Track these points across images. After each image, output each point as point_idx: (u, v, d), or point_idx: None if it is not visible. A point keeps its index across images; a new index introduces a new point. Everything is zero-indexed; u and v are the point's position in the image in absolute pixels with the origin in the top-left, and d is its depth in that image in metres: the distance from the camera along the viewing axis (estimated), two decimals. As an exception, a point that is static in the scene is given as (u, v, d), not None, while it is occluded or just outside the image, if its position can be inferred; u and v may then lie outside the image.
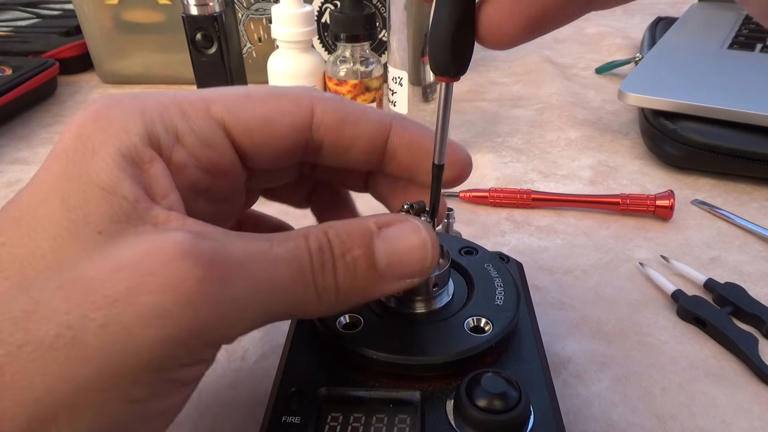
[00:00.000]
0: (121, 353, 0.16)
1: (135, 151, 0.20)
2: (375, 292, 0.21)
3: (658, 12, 0.97)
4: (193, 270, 0.17)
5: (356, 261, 0.20)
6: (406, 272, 0.21)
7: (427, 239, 0.21)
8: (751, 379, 0.32)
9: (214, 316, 0.17)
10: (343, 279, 0.20)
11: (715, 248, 0.43)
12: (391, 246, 0.21)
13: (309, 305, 0.20)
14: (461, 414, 0.22)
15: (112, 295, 0.16)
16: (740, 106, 0.49)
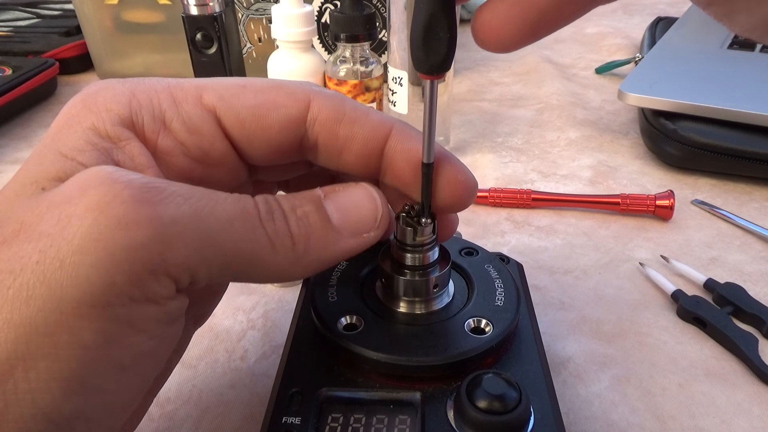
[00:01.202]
0: (59, 287, 0.16)
1: (111, 128, 0.20)
2: (337, 248, 0.21)
3: (658, 12, 0.97)
4: (122, 192, 0.16)
5: (308, 215, 0.20)
6: (360, 226, 0.22)
7: (373, 194, 0.22)
8: (751, 379, 0.32)
9: (149, 238, 0.16)
10: (297, 229, 0.20)
11: (715, 248, 0.43)
12: (340, 203, 0.21)
13: (264, 253, 0.19)
14: (461, 415, 0.22)
15: (45, 230, 0.16)
16: (740, 106, 0.49)
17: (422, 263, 0.26)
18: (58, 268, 0.16)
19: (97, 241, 0.16)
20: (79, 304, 0.16)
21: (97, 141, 0.19)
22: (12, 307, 0.15)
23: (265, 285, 0.39)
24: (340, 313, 0.26)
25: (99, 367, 0.16)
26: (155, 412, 0.30)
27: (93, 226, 0.16)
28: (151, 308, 0.17)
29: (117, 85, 0.21)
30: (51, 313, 0.15)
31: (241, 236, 0.19)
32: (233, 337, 0.35)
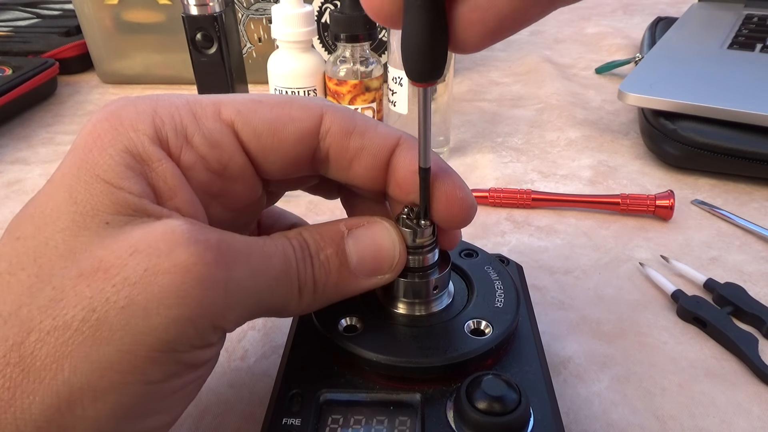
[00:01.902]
0: (141, 333, 0.17)
1: (143, 149, 0.20)
2: (349, 289, 0.23)
3: (658, 12, 0.97)
4: (204, 254, 0.18)
5: (329, 259, 0.22)
6: (376, 269, 0.23)
7: (394, 238, 0.23)
8: (751, 379, 0.32)
9: (221, 298, 0.19)
10: (318, 274, 0.22)
11: (715, 248, 0.43)
12: (360, 245, 0.23)
13: (291, 299, 0.22)
14: (461, 416, 0.22)
15: (131, 277, 0.17)
16: (740, 106, 0.49)
17: (422, 265, 0.26)
18: (143, 317, 0.17)
19: (182, 299, 0.18)
20: (152, 350, 0.17)
21: (134, 164, 0.20)
22: (92, 344, 0.17)
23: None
24: (340, 315, 0.26)
25: (158, 400, 0.19)
26: (155, 413, 0.30)
27: (181, 285, 0.18)
28: (206, 352, 0.20)
29: (138, 103, 0.21)
30: (126, 354, 0.17)
31: (280, 291, 0.21)
32: (233, 337, 0.35)
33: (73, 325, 0.17)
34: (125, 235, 0.18)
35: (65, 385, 0.17)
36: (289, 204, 0.48)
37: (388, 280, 0.24)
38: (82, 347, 0.17)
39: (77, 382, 0.17)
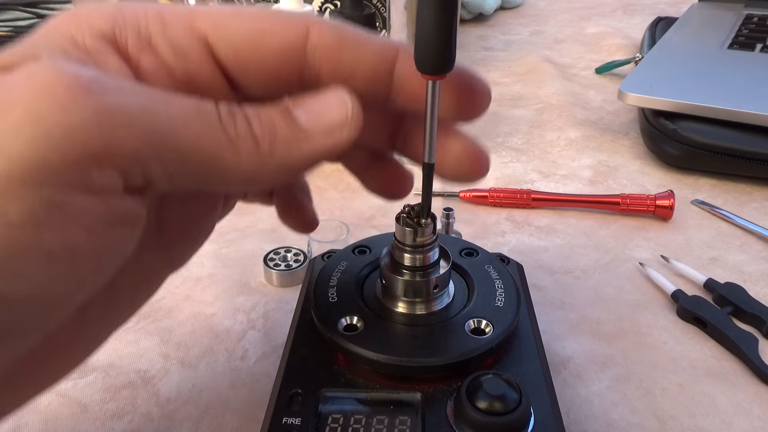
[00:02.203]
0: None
1: (89, 40, 0.19)
2: (306, 149, 0.20)
3: (658, 12, 0.97)
4: (67, 79, 0.16)
5: (272, 118, 0.19)
6: (329, 122, 0.20)
7: (341, 92, 0.20)
8: (751, 379, 0.32)
9: (91, 121, 0.16)
10: (260, 131, 0.19)
11: (715, 248, 0.43)
12: (307, 106, 0.20)
13: (225, 153, 0.18)
14: (462, 416, 0.22)
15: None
16: (740, 106, 0.49)
17: (422, 264, 0.26)
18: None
19: (35, 122, 0.15)
20: (8, 179, 0.15)
21: (71, 50, 0.19)
22: None
23: (265, 285, 0.39)
24: (340, 314, 0.26)
25: (23, 250, 0.16)
26: (155, 412, 0.30)
27: (32, 107, 0.15)
28: (90, 199, 0.16)
29: (106, 5, 0.20)
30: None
31: (198, 134, 0.18)
32: (233, 337, 0.35)
33: None
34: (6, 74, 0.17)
35: None
36: (289, 203, 0.48)
37: (348, 138, 0.20)
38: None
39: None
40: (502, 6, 1.06)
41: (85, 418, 0.30)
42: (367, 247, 0.30)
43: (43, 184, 0.15)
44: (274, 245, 0.42)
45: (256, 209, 0.48)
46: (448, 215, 0.38)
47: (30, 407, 0.31)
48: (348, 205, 0.48)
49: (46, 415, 0.30)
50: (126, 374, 0.33)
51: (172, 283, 0.40)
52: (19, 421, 0.30)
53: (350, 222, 0.45)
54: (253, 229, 0.45)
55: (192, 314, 0.37)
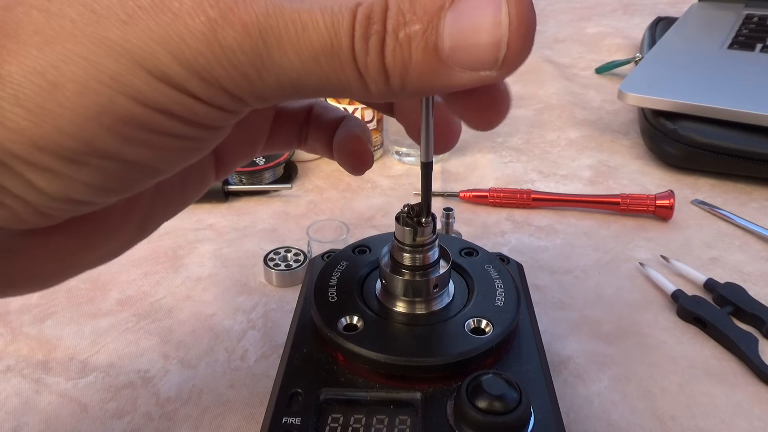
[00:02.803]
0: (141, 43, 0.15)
1: None
2: (439, 81, 0.17)
3: (658, 12, 0.97)
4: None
5: (412, 39, 0.16)
6: (475, 61, 0.16)
7: (504, 18, 0.16)
8: (751, 379, 0.32)
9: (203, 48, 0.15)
10: (392, 62, 0.16)
11: (715, 248, 0.43)
12: (461, 24, 0.16)
13: (352, 88, 0.17)
14: (462, 415, 0.22)
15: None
16: (740, 106, 0.49)
17: (422, 263, 0.26)
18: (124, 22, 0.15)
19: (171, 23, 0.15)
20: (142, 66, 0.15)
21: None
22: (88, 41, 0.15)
23: (265, 285, 0.39)
24: (340, 314, 0.26)
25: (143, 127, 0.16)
26: (155, 412, 0.30)
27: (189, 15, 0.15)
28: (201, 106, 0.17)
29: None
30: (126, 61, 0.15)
31: (327, 75, 0.16)
32: (233, 337, 0.35)
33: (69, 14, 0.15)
34: None
35: (53, 69, 0.15)
36: (288, 204, 0.48)
37: (496, 78, 0.17)
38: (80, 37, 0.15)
39: (67, 71, 0.15)
40: (502, 6, 1.05)
41: (85, 418, 0.30)
42: (366, 246, 0.30)
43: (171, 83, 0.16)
44: (274, 245, 0.42)
45: (256, 209, 0.48)
46: (448, 215, 0.38)
47: (30, 407, 0.31)
48: (348, 205, 0.48)
49: (46, 415, 0.30)
50: (126, 374, 0.33)
51: (172, 282, 0.40)
52: (19, 421, 0.30)
53: (350, 222, 0.45)
54: (253, 229, 0.45)
55: (192, 314, 0.37)
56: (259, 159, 0.51)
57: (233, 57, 0.16)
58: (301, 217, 0.47)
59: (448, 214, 0.38)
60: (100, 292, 0.39)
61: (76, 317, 0.37)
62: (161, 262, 0.42)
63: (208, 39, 0.15)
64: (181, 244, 0.43)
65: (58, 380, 0.32)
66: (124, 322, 0.36)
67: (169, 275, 0.40)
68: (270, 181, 0.50)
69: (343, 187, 0.51)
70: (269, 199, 0.49)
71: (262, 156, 0.28)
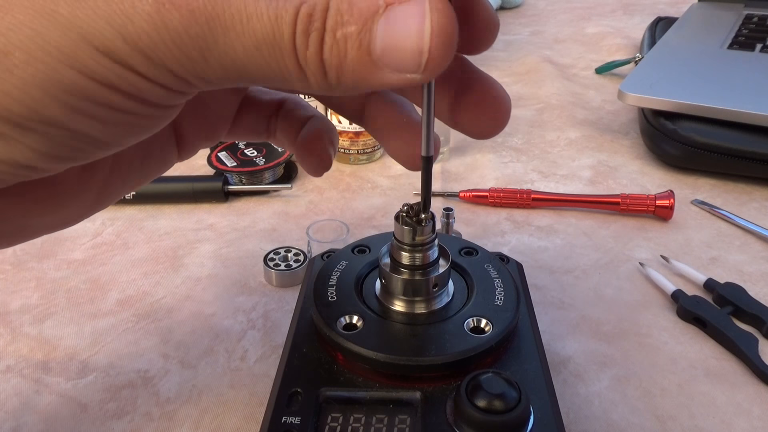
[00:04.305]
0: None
1: None
2: (370, 79, 0.18)
3: (658, 12, 0.97)
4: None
5: (348, 39, 0.17)
6: (401, 64, 0.18)
7: (427, 28, 0.17)
8: (751, 379, 0.32)
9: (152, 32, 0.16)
10: (329, 57, 0.17)
11: (715, 248, 0.43)
12: (392, 30, 0.17)
13: (291, 76, 0.18)
14: (461, 414, 0.22)
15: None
16: (740, 106, 0.49)
17: (422, 263, 0.26)
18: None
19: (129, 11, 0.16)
20: (91, 44, 0.16)
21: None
22: (40, 16, 0.16)
23: (265, 285, 0.39)
24: (339, 313, 0.26)
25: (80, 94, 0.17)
26: (155, 412, 0.30)
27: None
28: (149, 85, 0.17)
29: None
30: (73, 34, 0.16)
31: (268, 63, 0.17)
32: (233, 337, 0.35)
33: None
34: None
35: (2, 36, 0.16)
36: (288, 204, 0.48)
37: (419, 81, 0.18)
38: (30, 8, 0.16)
39: (15, 40, 0.16)
40: (502, 6, 1.06)
41: (85, 418, 0.30)
42: (366, 246, 0.30)
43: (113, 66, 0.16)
44: (274, 245, 0.42)
45: (256, 209, 0.48)
46: (448, 215, 0.38)
47: (30, 407, 0.31)
48: (348, 205, 0.48)
49: (46, 415, 0.30)
50: (126, 374, 0.33)
51: (172, 282, 0.40)
52: (19, 421, 0.30)
53: (350, 222, 0.45)
54: (253, 229, 0.45)
55: (192, 314, 0.37)
56: (259, 159, 0.51)
57: (178, 39, 0.16)
58: (301, 217, 0.47)
59: (448, 214, 0.39)
60: (100, 292, 0.39)
61: (76, 317, 0.37)
62: (161, 262, 0.42)
63: (153, 20, 0.16)
64: (181, 244, 0.43)
65: (57, 380, 0.32)
66: (124, 322, 0.36)
67: (169, 275, 0.40)
68: (270, 181, 0.50)
69: (343, 187, 0.51)
70: (269, 199, 0.49)
71: (234, 141, 0.29)
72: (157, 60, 0.17)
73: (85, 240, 0.44)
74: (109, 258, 0.42)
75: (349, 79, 0.18)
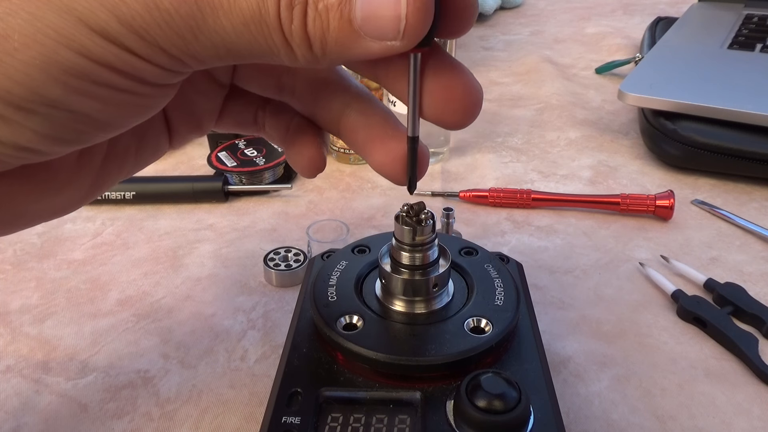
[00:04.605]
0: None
1: None
2: (354, 49, 0.19)
3: (658, 12, 0.97)
4: None
5: (329, 10, 0.18)
6: (381, 31, 0.18)
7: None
8: (751, 379, 0.32)
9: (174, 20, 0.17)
10: (313, 29, 0.18)
11: (715, 248, 0.43)
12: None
13: (277, 51, 0.19)
14: (461, 414, 0.22)
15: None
16: (740, 106, 0.49)
17: (422, 262, 0.26)
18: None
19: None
20: (81, 24, 0.16)
21: None
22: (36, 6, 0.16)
23: (265, 285, 0.39)
24: (339, 313, 0.26)
25: (74, 74, 0.17)
26: (155, 412, 0.30)
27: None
28: (145, 65, 0.18)
29: None
30: (68, 20, 0.16)
31: (254, 39, 0.18)
32: (233, 337, 0.35)
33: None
34: None
35: (1, 21, 0.16)
36: (288, 204, 0.48)
37: (400, 48, 0.19)
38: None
39: (14, 24, 0.16)
40: (502, 6, 1.06)
41: (85, 418, 0.30)
42: (366, 246, 0.30)
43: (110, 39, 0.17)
44: (274, 245, 0.42)
45: (256, 209, 0.48)
46: (448, 215, 0.38)
47: (30, 407, 0.31)
48: (348, 205, 0.48)
49: (46, 415, 0.30)
50: (126, 374, 0.33)
51: (172, 283, 0.40)
52: (19, 421, 0.30)
53: (350, 222, 0.45)
54: (253, 229, 0.45)
55: (192, 314, 0.37)
56: (259, 159, 0.51)
57: (169, 19, 0.17)
58: (301, 217, 0.47)
59: (448, 214, 0.39)
60: (100, 292, 0.39)
61: (76, 317, 0.37)
62: (161, 262, 0.42)
63: (145, 1, 0.17)
64: (181, 244, 0.43)
65: (58, 380, 0.32)
66: (124, 322, 0.36)
67: (169, 275, 0.40)
68: (270, 181, 0.50)
69: (343, 187, 0.51)
70: (269, 199, 0.49)
71: (227, 131, 0.29)
72: (150, 40, 0.17)
73: (85, 240, 0.44)
74: (109, 258, 0.42)
75: (334, 50, 0.19)
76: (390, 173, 0.24)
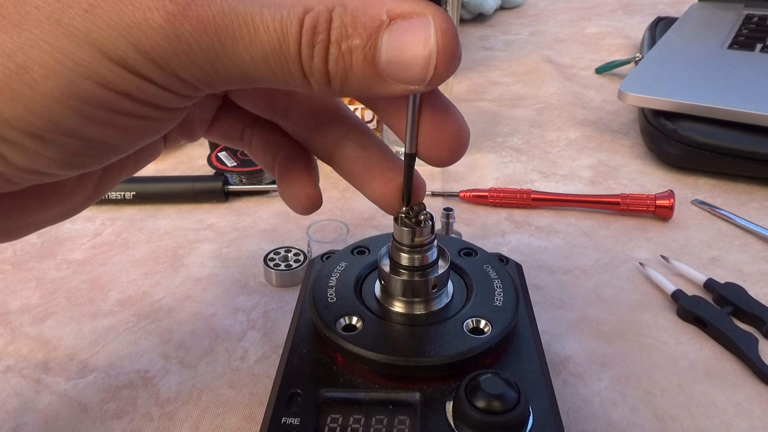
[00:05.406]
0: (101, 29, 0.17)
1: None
2: (374, 89, 0.19)
3: (658, 12, 0.97)
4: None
5: (353, 51, 0.18)
6: (407, 77, 0.18)
7: (432, 46, 0.18)
8: (751, 379, 0.32)
9: (164, 40, 0.17)
10: (335, 68, 0.18)
11: (715, 248, 0.43)
12: (397, 43, 0.18)
13: (295, 83, 0.19)
14: (461, 415, 0.22)
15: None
16: (740, 106, 0.49)
17: (421, 264, 0.26)
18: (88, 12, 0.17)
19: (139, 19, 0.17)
20: (103, 52, 0.17)
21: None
22: (55, 30, 0.16)
23: (265, 285, 0.39)
24: (339, 314, 0.26)
25: (97, 104, 0.17)
26: (155, 412, 0.30)
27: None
28: (160, 92, 0.18)
29: None
30: (88, 47, 0.16)
31: (274, 72, 0.18)
32: (233, 337, 0.35)
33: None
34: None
35: (21, 52, 0.16)
36: (289, 204, 0.48)
37: (421, 91, 0.19)
38: (45, 23, 0.16)
39: (34, 55, 0.16)
40: (502, 6, 1.06)
41: (85, 418, 0.30)
42: (365, 247, 0.30)
43: (124, 68, 0.17)
44: (274, 245, 0.42)
45: (256, 209, 0.48)
46: (448, 215, 0.38)
47: (30, 407, 0.31)
48: (348, 205, 0.48)
49: (46, 415, 0.30)
50: (126, 374, 0.33)
51: (172, 283, 0.40)
52: (19, 421, 0.30)
53: (350, 222, 0.45)
54: (253, 229, 0.45)
55: (192, 314, 0.37)
56: (259, 159, 0.51)
57: (189, 50, 0.17)
58: (301, 217, 0.47)
59: (448, 214, 0.38)
60: (100, 292, 0.39)
61: (76, 317, 0.37)
62: (161, 262, 0.42)
63: (166, 32, 0.17)
64: (181, 244, 0.44)
65: (57, 380, 0.32)
66: (124, 322, 0.36)
67: (169, 275, 0.40)
68: (270, 181, 0.50)
69: (343, 187, 0.51)
70: (269, 199, 0.49)
71: (214, 141, 0.29)
72: (168, 68, 0.17)
73: (85, 240, 0.44)
74: (109, 258, 0.42)
75: (354, 88, 0.19)
76: (386, 202, 0.25)
